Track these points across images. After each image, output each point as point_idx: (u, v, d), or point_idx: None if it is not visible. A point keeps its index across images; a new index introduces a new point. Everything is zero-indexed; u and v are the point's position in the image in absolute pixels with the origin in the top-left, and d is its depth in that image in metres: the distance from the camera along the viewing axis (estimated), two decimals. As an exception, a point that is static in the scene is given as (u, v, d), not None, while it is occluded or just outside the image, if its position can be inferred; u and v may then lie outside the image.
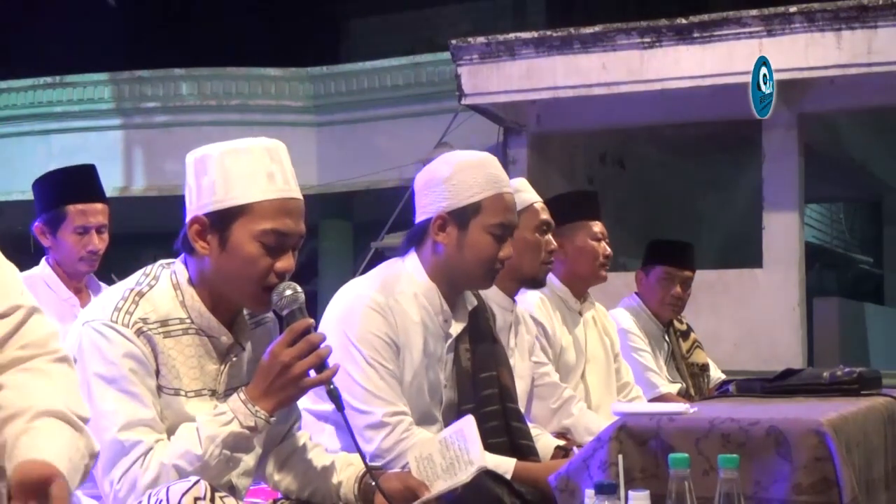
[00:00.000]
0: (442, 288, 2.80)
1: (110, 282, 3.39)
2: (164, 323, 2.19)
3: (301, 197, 2.27)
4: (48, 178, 3.77)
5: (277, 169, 2.23)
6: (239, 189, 2.19)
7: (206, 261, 2.22)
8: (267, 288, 2.21)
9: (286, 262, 2.22)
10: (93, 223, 3.65)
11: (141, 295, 2.20)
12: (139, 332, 2.15)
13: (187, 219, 2.24)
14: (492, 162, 2.84)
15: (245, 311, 2.32)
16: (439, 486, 2.39)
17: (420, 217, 2.83)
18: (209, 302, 2.24)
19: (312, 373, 2.19)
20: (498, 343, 2.97)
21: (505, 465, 2.71)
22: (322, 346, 2.19)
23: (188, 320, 2.22)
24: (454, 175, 2.77)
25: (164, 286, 2.24)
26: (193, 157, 2.26)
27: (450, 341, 2.83)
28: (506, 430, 2.84)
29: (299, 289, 2.23)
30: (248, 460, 2.25)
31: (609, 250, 3.84)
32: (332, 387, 2.21)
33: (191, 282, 2.24)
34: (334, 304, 2.78)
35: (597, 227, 3.83)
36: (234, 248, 2.19)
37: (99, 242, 3.67)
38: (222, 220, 2.19)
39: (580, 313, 3.80)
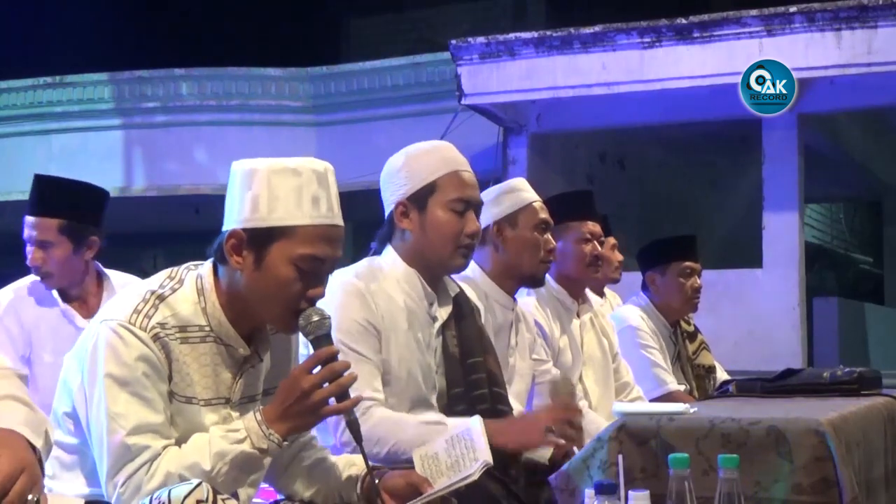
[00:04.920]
0: (421, 274, 2.82)
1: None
2: (182, 329, 2.17)
3: (342, 224, 2.23)
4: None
5: (324, 194, 2.19)
6: (282, 210, 2.15)
7: (237, 274, 2.19)
8: (296, 312, 2.18)
9: (319, 289, 2.20)
10: (29, 235, 3.53)
11: (162, 299, 2.17)
12: (156, 338, 2.12)
13: (225, 228, 2.21)
14: (446, 146, 2.89)
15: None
16: (443, 483, 2.38)
17: (387, 212, 2.88)
18: (233, 312, 2.21)
19: (333, 400, 2.17)
20: (482, 329, 2.99)
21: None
22: (346, 374, 2.16)
23: (207, 328, 2.20)
24: (408, 162, 2.83)
25: (188, 291, 2.21)
26: (241, 167, 2.21)
27: (437, 325, 2.83)
28: (492, 414, 2.84)
29: (327, 314, 2.20)
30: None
31: (599, 249, 3.79)
32: (352, 417, 2.19)
33: (217, 290, 2.22)
34: None
35: (586, 227, 3.78)
36: (269, 269, 2.16)
37: (36, 258, 3.51)
38: (261, 239, 2.16)
39: (578, 314, 3.79)
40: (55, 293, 3.58)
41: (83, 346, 2.18)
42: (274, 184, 2.16)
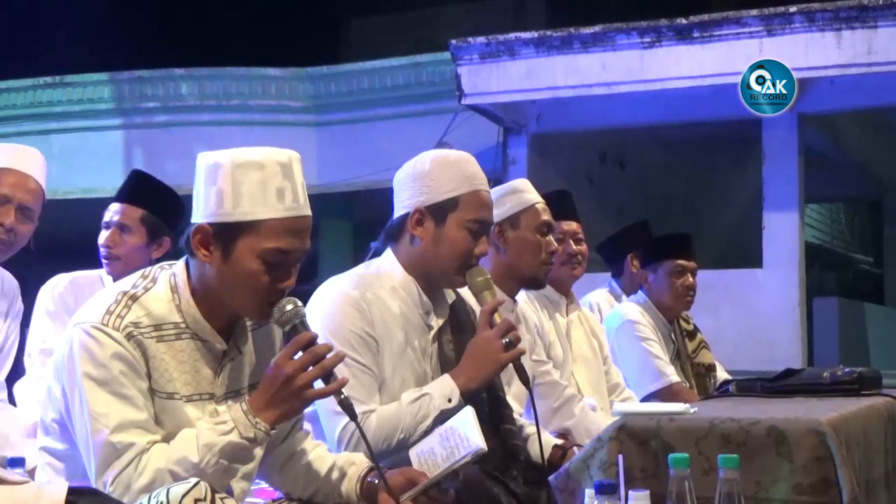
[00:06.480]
0: (419, 282, 2.82)
1: None
2: (157, 327, 2.17)
3: (310, 213, 2.23)
4: None
5: (288, 185, 2.18)
6: (247, 204, 2.15)
7: (207, 267, 2.20)
8: (269, 303, 2.19)
9: (288, 281, 2.20)
10: (109, 220, 3.72)
11: (134, 299, 2.17)
12: (129, 336, 2.12)
13: (192, 221, 2.22)
14: (470, 160, 2.87)
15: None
16: (438, 473, 2.39)
17: (398, 212, 2.85)
18: (206, 306, 2.22)
19: (320, 383, 2.17)
20: None
21: (449, 389, 2.71)
22: (328, 356, 2.17)
23: (182, 324, 2.20)
24: (433, 171, 2.80)
25: (162, 289, 2.22)
26: (205, 161, 2.21)
27: (433, 332, 2.84)
28: (490, 417, 2.84)
29: (300, 303, 2.22)
30: (248, 465, 2.24)
31: (573, 248, 3.90)
32: (342, 397, 2.19)
33: (189, 286, 2.23)
34: (312, 303, 2.78)
35: (559, 227, 3.86)
36: (236, 263, 2.17)
37: (111, 239, 3.70)
38: (227, 234, 2.17)
39: (567, 312, 3.83)
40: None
41: (60, 352, 2.18)
42: (238, 178, 2.16)
